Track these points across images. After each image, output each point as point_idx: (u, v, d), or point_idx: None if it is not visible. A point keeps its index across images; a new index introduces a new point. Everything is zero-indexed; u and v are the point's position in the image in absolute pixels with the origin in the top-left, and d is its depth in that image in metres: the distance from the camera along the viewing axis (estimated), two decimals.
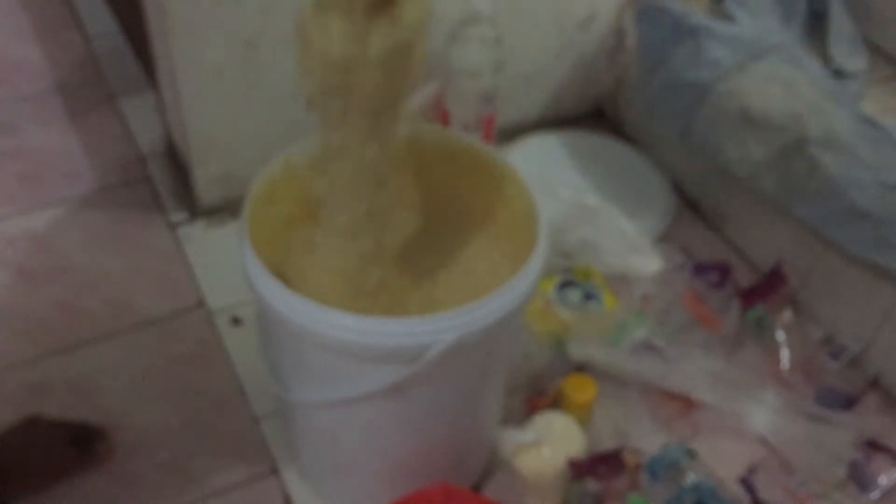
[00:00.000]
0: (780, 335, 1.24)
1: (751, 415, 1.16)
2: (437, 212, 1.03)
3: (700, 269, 1.29)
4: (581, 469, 1.02)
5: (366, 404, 0.90)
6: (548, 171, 1.50)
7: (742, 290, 1.28)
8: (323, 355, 0.87)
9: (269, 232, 0.96)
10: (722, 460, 1.11)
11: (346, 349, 0.83)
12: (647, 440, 1.11)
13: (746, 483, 1.09)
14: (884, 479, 1.10)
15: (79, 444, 1.09)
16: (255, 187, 0.93)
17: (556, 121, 1.66)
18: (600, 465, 1.03)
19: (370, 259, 0.92)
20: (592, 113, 1.70)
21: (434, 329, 0.82)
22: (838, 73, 1.32)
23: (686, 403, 1.16)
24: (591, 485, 1.02)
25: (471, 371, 0.92)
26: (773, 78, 1.27)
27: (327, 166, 0.87)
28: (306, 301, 0.82)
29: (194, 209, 1.44)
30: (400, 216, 0.96)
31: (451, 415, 0.96)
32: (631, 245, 1.32)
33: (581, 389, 1.11)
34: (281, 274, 0.92)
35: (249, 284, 0.88)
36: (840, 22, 1.36)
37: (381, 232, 0.92)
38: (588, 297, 1.27)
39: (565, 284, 1.28)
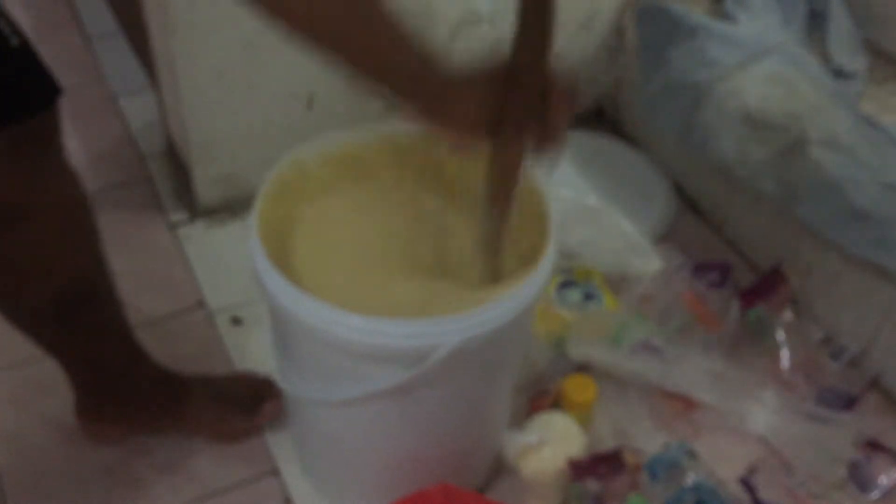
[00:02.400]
0: (780, 335, 1.24)
1: (751, 415, 1.16)
2: (449, 211, 1.02)
3: (700, 269, 1.29)
4: (581, 469, 1.02)
5: (371, 404, 0.90)
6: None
7: (742, 290, 1.28)
8: (329, 354, 0.87)
9: (277, 229, 0.96)
10: (722, 460, 1.11)
11: (351, 348, 0.83)
12: (647, 440, 1.11)
13: (746, 483, 1.09)
14: (884, 479, 1.10)
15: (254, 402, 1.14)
16: (265, 185, 0.93)
17: None
18: (600, 465, 1.03)
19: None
20: (592, 113, 1.70)
21: (439, 331, 0.82)
22: (838, 73, 1.32)
23: (686, 403, 1.16)
24: (592, 485, 1.02)
25: (477, 374, 0.92)
26: (773, 78, 1.27)
27: None
28: (313, 299, 0.82)
29: (194, 209, 1.44)
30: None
31: (457, 417, 0.96)
32: (631, 245, 1.32)
33: (581, 389, 1.11)
34: (288, 270, 0.92)
35: (258, 281, 0.87)
36: (840, 22, 1.36)
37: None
38: (588, 297, 1.26)
39: (565, 284, 1.28)
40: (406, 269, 0.95)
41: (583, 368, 1.17)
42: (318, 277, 0.93)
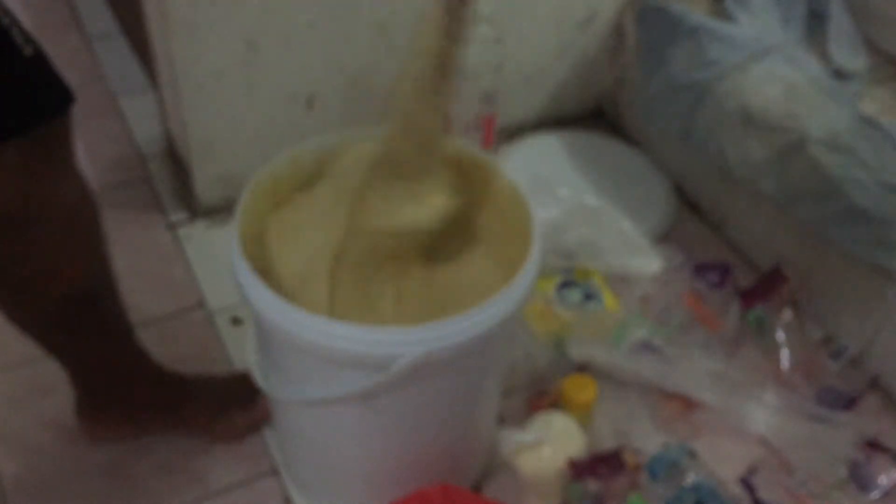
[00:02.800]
0: (780, 335, 1.24)
1: (751, 415, 1.16)
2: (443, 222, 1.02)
3: (700, 269, 1.29)
4: (581, 469, 1.02)
5: (343, 407, 0.90)
6: (548, 171, 1.50)
7: (742, 290, 1.28)
8: (303, 356, 0.87)
9: (261, 227, 0.96)
10: (722, 460, 1.11)
11: (322, 353, 0.83)
12: (647, 440, 1.11)
13: (746, 483, 1.09)
14: (884, 479, 1.10)
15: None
16: (250, 186, 0.94)
17: (556, 121, 1.66)
18: (600, 465, 1.03)
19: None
20: (592, 113, 1.70)
21: (402, 340, 0.81)
22: (838, 73, 1.32)
23: (686, 403, 1.16)
24: (592, 485, 1.02)
25: (455, 381, 0.91)
26: (773, 78, 1.27)
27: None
28: (277, 298, 0.82)
29: (194, 209, 1.44)
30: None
31: (437, 422, 0.95)
32: (631, 245, 1.32)
33: (581, 389, 1.11)
34: (270, 270, 0.92)
35: (235, 279, 0.88)
36: (840, 22, 1.36)
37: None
38: (588, 297, 1.26)
39: (565, 284, 1.28)
40: (394, 275, 0.95)
41: (583, 368, 1.17)
42: (302, 282, 0.93)
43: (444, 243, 1.00)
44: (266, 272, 0.90)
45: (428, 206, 0.90)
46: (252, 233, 0.94)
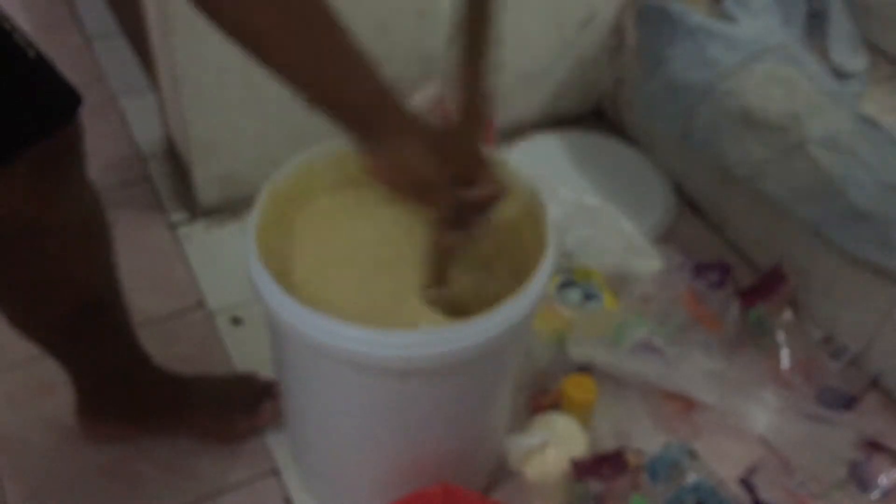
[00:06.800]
0: (780, 335, 1.24)
1: (751, 415, 1.16)
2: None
3: (700, 269, 1.29)
4: (584, 469, 1.02)
5: (359, 410, 0.90)
6: (548, 171, 1.50)
7: (742, 290, 1.28)
8: (325, 362, 0.87)
9: (276, 231, 0.96)
10: (722, 460, 1.11)
11: (331, 354, 0.82)
12: (648, 440, 1.11)
13: (746, 483, 1.09)
14: (884, 479, 1.10)
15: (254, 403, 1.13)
16: (266, 189, 0.92)
17: (556, 121, 1.66)
18: (603, 465, 1.03)
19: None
20: (592, 113, 1.70)
21: (417, 343, 0.81)
22: (838, 73, 1.32)
23: (686, 403, 1.16)
24: (594, 485, 1.02)
25: (470, 384, 0.91)
26: (773, 78, 1.27)
27: None
28: (294, 302, 0.82)
29: (194, 209, 1.44)
30: None
31: (454, 422, 0.95)
32: (631, 245, 1.32)
33: (582, 389, 1.11)
34: (286, 273, 0.92)
35: (249, 280, 0.88)
36: (840, 22, 1.36)
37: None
38: (588, 297, 1.26)
39: (565, 284, 1.28)
40: (406, 277, 0.95)
41: (583, 368, 1.17)
42: (318, 283, 0.93)
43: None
44: (278, 273, 0.89)
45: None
46: (268, 236, 0.93)
